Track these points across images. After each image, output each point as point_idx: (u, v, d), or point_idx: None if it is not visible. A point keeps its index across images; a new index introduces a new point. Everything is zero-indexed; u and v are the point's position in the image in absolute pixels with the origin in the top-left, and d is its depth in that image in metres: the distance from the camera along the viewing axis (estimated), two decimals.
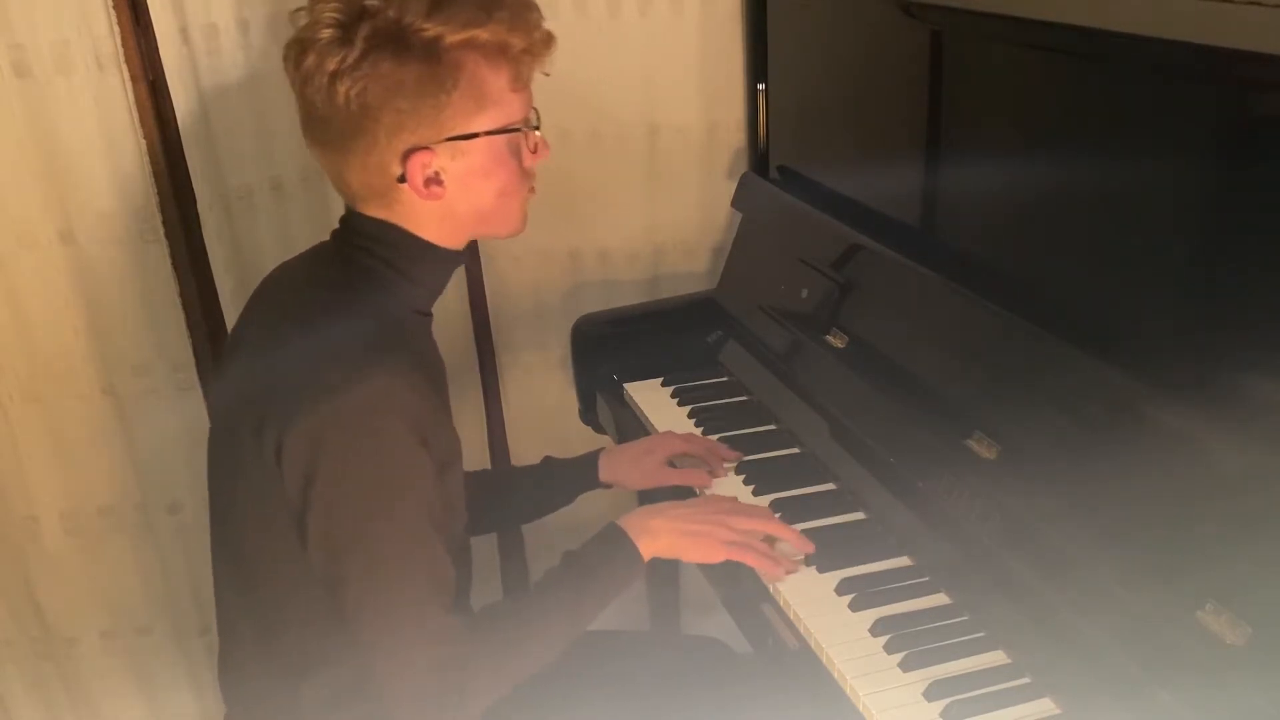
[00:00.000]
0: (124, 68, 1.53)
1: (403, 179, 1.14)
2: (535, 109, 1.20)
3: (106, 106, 1.55)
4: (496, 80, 1.14)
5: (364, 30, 1.08)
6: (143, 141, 1.57)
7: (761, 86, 1.88)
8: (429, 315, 1.27)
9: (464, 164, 1.15)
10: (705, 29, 1.86)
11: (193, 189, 1.61)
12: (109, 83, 1.53)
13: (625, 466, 1.50)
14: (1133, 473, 1.10)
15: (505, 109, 1.16)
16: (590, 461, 1.52)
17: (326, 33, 1.09)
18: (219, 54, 1.60)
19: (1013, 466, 1.22)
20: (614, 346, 1.84)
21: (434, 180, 1.15)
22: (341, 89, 1.09)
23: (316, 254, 1.26)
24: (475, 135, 1.14)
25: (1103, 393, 1.15)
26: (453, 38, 1.10)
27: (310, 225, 1.76)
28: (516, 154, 1.19)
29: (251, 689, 1.29)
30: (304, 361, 1.12)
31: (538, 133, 1.21)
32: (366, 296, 1.18)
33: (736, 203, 1.90)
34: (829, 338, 1.57)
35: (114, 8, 1.50)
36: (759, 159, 1.93)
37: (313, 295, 1.21)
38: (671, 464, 1.50)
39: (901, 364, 1.45)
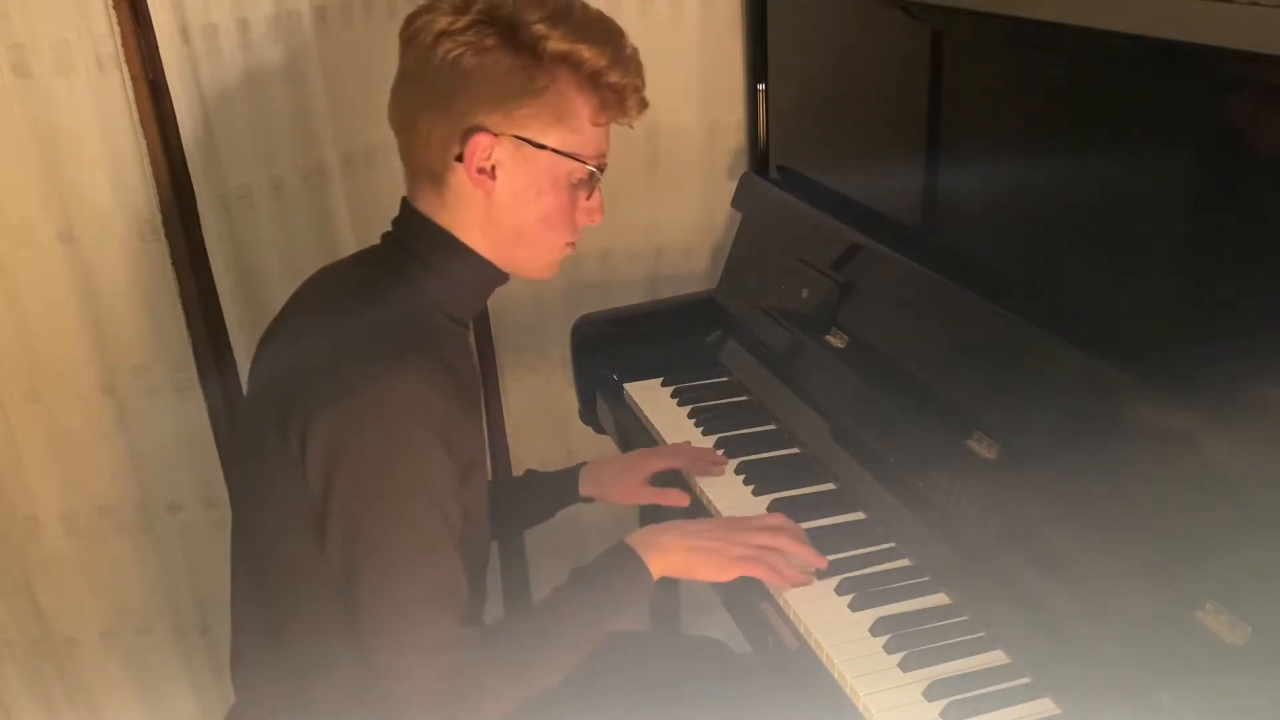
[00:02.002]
0: (124, 68, 1.52)
1: (460, 158, 1.16)
2: (605, 159, 1.22)
3: (106, 106, 1.54)
4: (582, 104, 1.17)
5: (481, 4, 1.14)
6: (143, 141, 1.57)
7: (761, 86, 1.88)
8: (464, 326, 1.27)
9: (523, 170, 1.17)
10: (705, 29, 1.86)
11: (193, 189, 1.61)
12: (109, 83, 1.53)
13: (607, 481, 1.51)
14: (1133, 472, 1.10)
15: (579, 137, 1.18)
16: (572, 475, 1.52)
17: (448, 3, 1.15)
18: (219, 54, 1.60)
19: (1013, 466, 1.22)
20: (614, 346, 1.84)
21: (487, 172, 1.17)
22: (441, 49, 1.13)
23: (360, 255, 1.29)
24: (544, 147, 1.16)
25: (1103, 393, 1.15)
26: (557, 45, 1.14)
27: (310, 225, 1.76)
28: (572, 190, 1.21)
29: (261, 683, 1.30)
30: (329, 358, 1.13)
31: (598, 193, 1.23)
32: (398, 296, 1.20)
33: (736, 203, 1.90)
34: (829, 338, 1.57)
35: (114, 8, 1.50)
36: (759, 159, 1.93)
37: (345, 293, 1.22)
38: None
39: (901, 364, 1.45)
